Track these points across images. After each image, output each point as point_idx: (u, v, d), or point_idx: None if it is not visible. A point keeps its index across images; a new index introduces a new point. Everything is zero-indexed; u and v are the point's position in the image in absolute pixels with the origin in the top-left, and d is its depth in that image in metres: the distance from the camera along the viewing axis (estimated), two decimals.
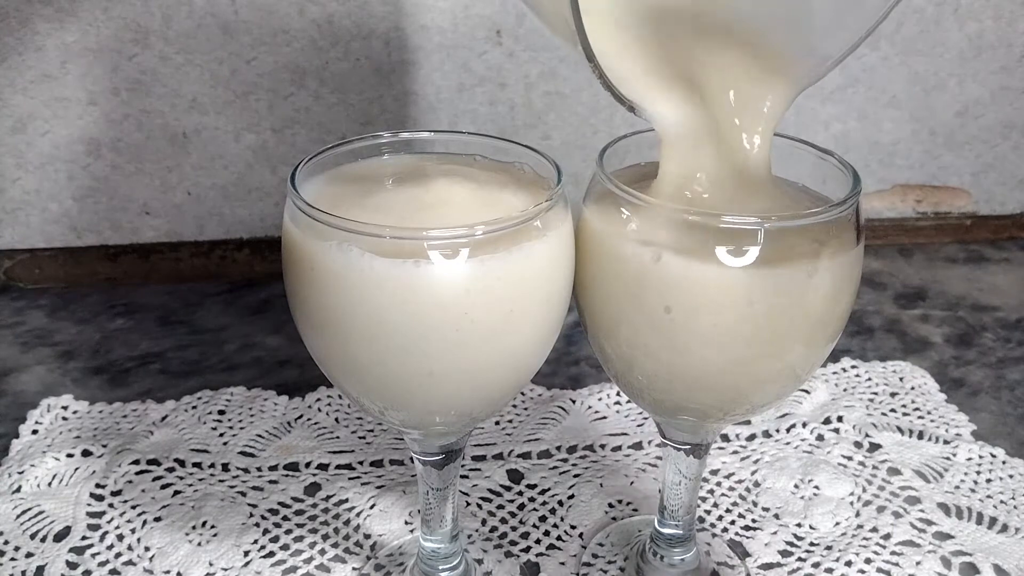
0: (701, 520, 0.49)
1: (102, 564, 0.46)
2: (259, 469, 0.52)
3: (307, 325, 0.34)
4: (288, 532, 0.48)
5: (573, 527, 0.49)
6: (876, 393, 0.60)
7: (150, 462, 0.52)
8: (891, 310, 0.72)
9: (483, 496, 0.51)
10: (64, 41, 0.66)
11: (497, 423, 0.56)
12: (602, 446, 0.55)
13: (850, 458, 0.54)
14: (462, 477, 0.52)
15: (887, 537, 0.48)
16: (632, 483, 0.52)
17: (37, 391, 0.60)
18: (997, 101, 0.78)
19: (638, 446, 0.55)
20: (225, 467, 0.52)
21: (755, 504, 0.51)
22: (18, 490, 0.50)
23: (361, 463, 0.53)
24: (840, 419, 0.56)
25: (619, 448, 0.55)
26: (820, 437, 0.55)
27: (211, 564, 0.46)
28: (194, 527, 0.48)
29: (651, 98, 0.34)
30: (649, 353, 0.35)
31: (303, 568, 0.46)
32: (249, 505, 0.50)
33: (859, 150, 0.79)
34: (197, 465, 0.52)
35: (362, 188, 0.35)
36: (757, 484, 0.52)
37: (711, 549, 0.47)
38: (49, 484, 0.51)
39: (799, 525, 0.49)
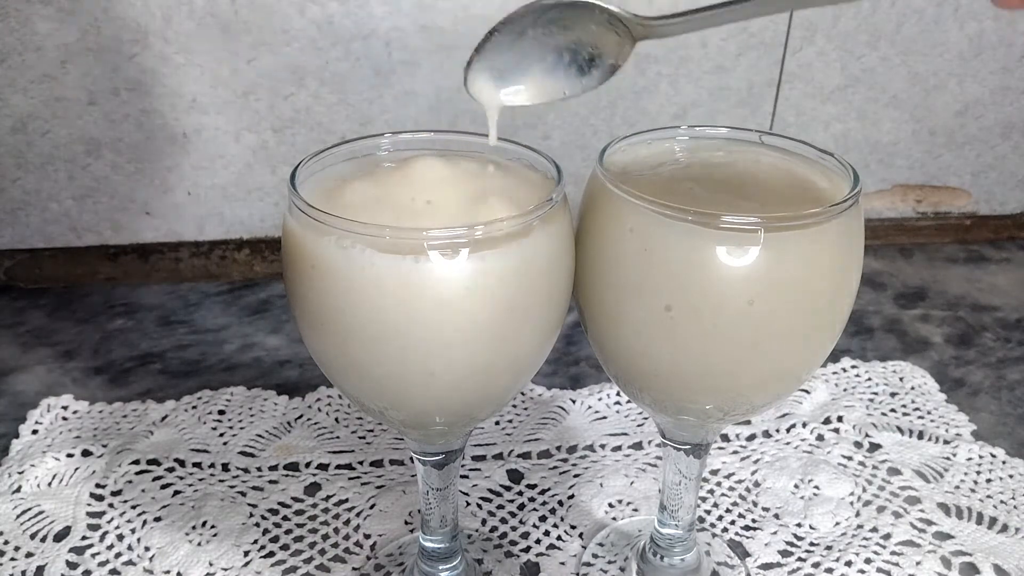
0: (701, 520, 0.49)
1: (102, 564, 0.46)
2: (259, 469, 0.52)
3: (307, 325, 0.34)
4: (288, 532, 0.48)
5: (573, 527, 0.49)
6: (876, 393, 0.60)
7: (150, 462, 0.52)
8: (891, 310, 0.72)
9: (483, 496, 0.51)
10: (64, 41, 0.66)
11: (497, 423, 0.56)
12: (602, 446, 0.55)
13: (850, 458, 0.54)
14: (462, 477, 0.52)
15: (887, 537, 0.48)
16: (632, 483, 0.52)
17: (37, 391, 0.60)
18: (997, 101, 0.78)
19: (638, 446, 0.55)
20: (225, 467, 0.52)
21: (755, 504, 0.51)
22: (18, 490, 0.50)
23: (361, 463, 0.53)
24: (840, 419, 0.56)
25: (619, 448, 0.55)
26: (820, 437, 0.55)
27: (211, 564, 0.46)
28: (194, 527, 0.48)
29: None
30: (649, 353, 0.35)
31: (303, 568, 0.46)
32: (249, 505, 0.50)
33: (859, 150, 0.79)
34: (197, 465, 0.52)
35: (362, 187, 0.35)
36: (757, 484, 0.52)
37: (711, 549, 0.47)
38: (49, 484, 0.51)
39: (799, 525, 0.49)
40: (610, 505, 0.50)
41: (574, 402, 0.58)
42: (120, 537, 0.47)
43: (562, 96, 0.35)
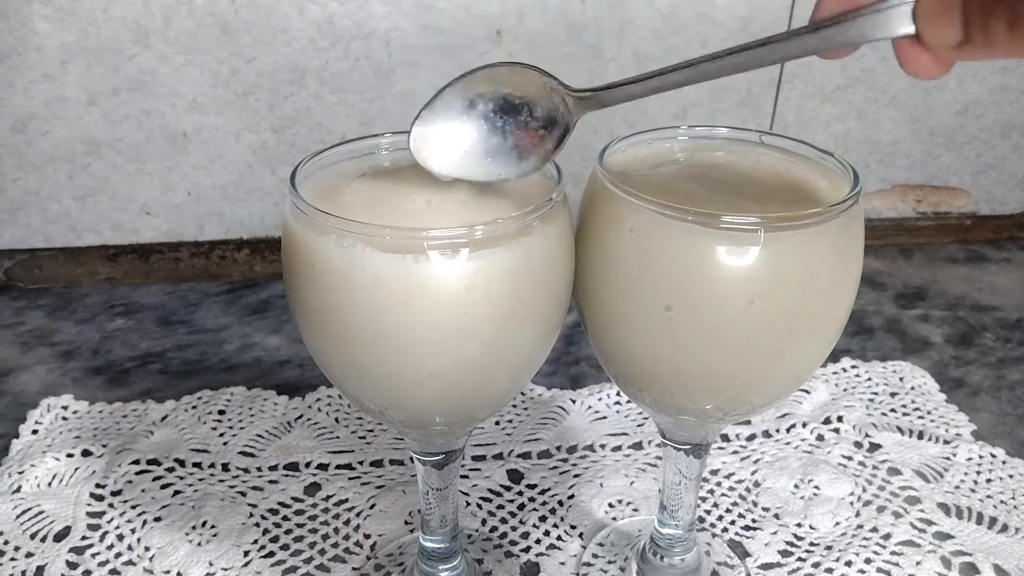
0: (701, 520, 0.49)
1: (102, 564, 0.46)
2: (259, 469, 0.52)
3: (307, 325, 0.34)
4: (288, 532, 0.48)
5: (573, 527, 0.49)
6: (876, 393, 0.60)
7: (150, 462, 0.52)
8: (891, 310, 0.72)
9: (483, 496, 0.51)
10: (64, 41, 0.66)
11: (497, 423, 0.56)
12: (602, 446, 0.55)
13: (850, 458, 0.54)
14: (462, 477, 0.52)
15: (887, 537, 0.48)
16: (632, 483, 0.52)
17: (37, 391, 0.60)
18: (997, 101, 0.78)
19: (638, 446, 0.55)
20: (225, 467, 0.52)
21: (755, 504, 0.51)
22: (18, 490, 0.50)
23: (361, 463, 0.53)
24: (840, 419, 0.56)
25: (619, 448, 0.55)
26: (820, 437, 0.55)
27: (211, 564, 0.46)
28: (194, 527, 0.48)
29: None
30: (649, 352, 0.35)
31: (303, 568, 0.46)
32: (249, 505, 0.50)
33: (859, 150, 0.79)
34: (197, 465, 0.52)
35: (362, 187, 0.35)
36: (757, 484, 0.52)
37: (711, 549, 0.47)
38: (49, 484, 0.51)
39: (799, 525, 0.49)
40: (610, 505, 0.50)
41: (574, 402, 0.58)
42: (120, 537, 0.47)
43: (498, 178, 0.35)
